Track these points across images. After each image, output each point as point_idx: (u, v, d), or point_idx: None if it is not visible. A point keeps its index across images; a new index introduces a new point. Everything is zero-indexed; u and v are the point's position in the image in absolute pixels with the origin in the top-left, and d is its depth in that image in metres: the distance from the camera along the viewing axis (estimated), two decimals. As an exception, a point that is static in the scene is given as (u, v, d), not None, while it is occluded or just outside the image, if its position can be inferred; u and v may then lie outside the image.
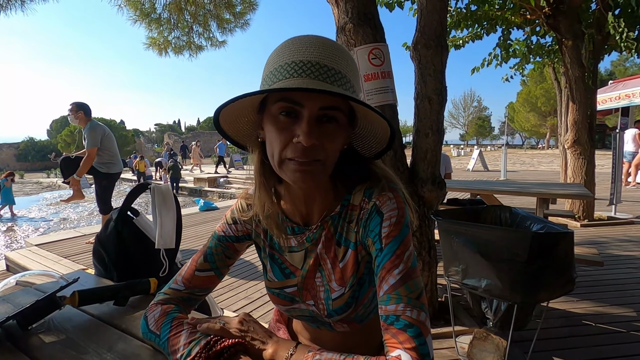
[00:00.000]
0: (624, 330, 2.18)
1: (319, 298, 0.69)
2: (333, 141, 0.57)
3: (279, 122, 0.56)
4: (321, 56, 0.54)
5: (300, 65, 0.54)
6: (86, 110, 3.99)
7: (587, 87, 4.63)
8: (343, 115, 0.58)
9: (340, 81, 0.55)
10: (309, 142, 0.53)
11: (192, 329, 0.63)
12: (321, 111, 0.55)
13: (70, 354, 0.69)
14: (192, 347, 0.59)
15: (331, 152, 0.58)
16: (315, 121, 0.55)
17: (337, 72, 0.55)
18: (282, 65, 0.55)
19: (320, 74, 0.53)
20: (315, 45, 0.55)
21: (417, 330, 0.52)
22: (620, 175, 5.21)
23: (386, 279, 0.57)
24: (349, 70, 0.57)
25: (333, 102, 0.55)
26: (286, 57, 0.55)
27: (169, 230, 0.99)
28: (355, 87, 0.59)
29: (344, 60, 0.57)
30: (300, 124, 0.54)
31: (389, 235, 0.59)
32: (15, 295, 0.94)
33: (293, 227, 0.70)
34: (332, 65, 0.55)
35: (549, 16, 4.53)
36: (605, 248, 3.76)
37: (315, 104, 0.54)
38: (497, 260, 1.62)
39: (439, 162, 2.29)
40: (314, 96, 0.54)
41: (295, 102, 0.54)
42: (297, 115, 0.55)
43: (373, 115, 0.57)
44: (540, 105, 31.18)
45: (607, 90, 9.96)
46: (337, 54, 0.56)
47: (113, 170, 4.07)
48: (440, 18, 2.16)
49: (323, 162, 0.57)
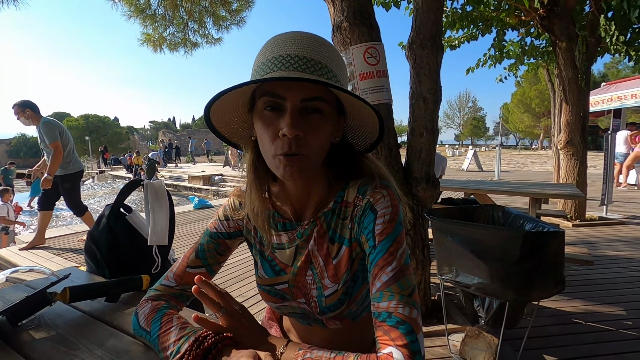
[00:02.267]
0: (613, 328, 2.22)
1: (310, 296, 0.69)
2: (318, 132, 0.57)
3: (265, 117, 0.57)
4: (301, 49, 0.55)
5: (279, 59, 0.55)
6: (33, 107, 3.70)
7: (580, 88, 4.68)
8: (328, 105, 0.58)
9: (320, 71, 0.55)
10: (293, 132, 0.54)
11: (181, 325, 0.63)
12: (303, 103, 0.56)
13: (60, 350, 0.69)
14: (181, 343, 0.59)
15: (317, 144, 0.58)
16: (298, 113, 0.56)
17: (317, 62, 0.56)
18: (264, 61, 0.56)
19: (299, 65, 0.54)
20: (296, 40, 0.56)
21: (409, 328, 0.52)
22: (612, 176, 5.28)
23: (379, 276, 0.57)
24: (331, 61, 0.58)
25: (314, 93, 0.56)
26: (268, 54, 0.57)
27: (161, 227, 0.99)
28: (339, 77, 0.59)
29: (325, 52, 0.57)
30: (284, 117, 0.55)
31: (383, 232, 0.59)
32: (5, 291, 0.93)
33: (285, 223, 0.70)
34: (312, 56, 0.55)
35: (544, 18, 4.57)
36: (596, 248, 3.81)
37: (297, 96, 0.55)
38: (490, 259, 1.63)
39: (433, 162, 2.30)
40: (295, 88, 0.55)
41: (277, 95, 0.55)
42: (281, 109, 0.56)
43: (360, 104, 0.58)
44: (534, 106, 31.45)
45: (600, 92, 10.07)
46: (318, 47, 0.57)
47: (72, 170, 3.85)
48: (435, 18, 2.17)
49: (310, 154, 0.58)
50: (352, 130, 0.69)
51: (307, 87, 0.55)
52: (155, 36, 5.14)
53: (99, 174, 19.69)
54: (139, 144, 36.48)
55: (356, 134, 0.69)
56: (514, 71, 6.48)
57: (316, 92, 0.56)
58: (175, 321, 0.64)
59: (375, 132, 0.64)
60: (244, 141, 0.69)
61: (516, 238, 1.56)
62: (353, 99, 0.57)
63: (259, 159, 0.65)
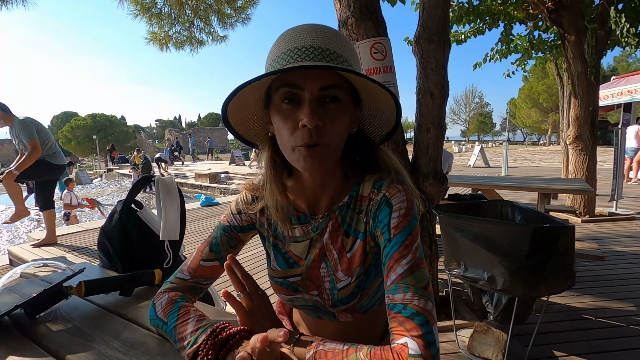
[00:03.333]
0: (624, 324, 2.20)
1: (323, 288, 0.70)
2: (337, 121, 0.58)
3: (282, 110, 0.58)
4: (315, 40, 0.56)
5: (295, 51, 0.55)
6: (4, 107, 3.64)
7: (590, 82, 4.61)
8: (345, 94, 0.59)
9: (336, 60, 0.56)
10: (313, 122, 0.54)
11: (199, 317, 0.64)
12: (321, 92, 0.56)
13: (77, 342, 0.71)
14: (198, 334, 0.60)
15: (336, 133, 0.59)
16: (317, 103, 0.56)
17: (333, 51, 0.56)
18: (279, 55, 0.57)
19: (315, 55, 0.55)
20: (309, 31, 0.57)
21: (424, 319, 0.52)
22: (621, 171, 5.20)
23: (394, 268, 0.57)
24: (345, 51, 0.59)
25: (332, 81, 0.56)
26: (282, 47, 0.57)
27: (173, 222, 1.00)
28: (354, 66, 0.60)
29: (339, 42, 0.58)
30: (303, 107, 0.55)
31: (398, 226, 0.60)
32: (21, 285, 0.95)
33: (299, 217, 0.71)
34: (327, 46, 0.56)
35: (552, 11, 4.51)
36: (606, 244, 3.77)
37: (314, 85, 0.55)
38: (498, 254, 1.63)
39: (440, 157, 2.29)
40: (312, 77, 0.55)
41: (294, 85, 0.56)
42: (299, 101, 0.57)
43: (376, 90, 0.58)
44: (542, 101, 31.04)
45: (610, 86, 9.89)
46: (332, 37, 0.58)
47: (58, 162, 3.82)
48: (442, 12, 2.15)
49: (331, 144, 0.58)
50: (367, 120, 0.69)
51: (324, 76, 0.56)
52: (162, 34, 5.17)
53: (106, 173, 19.91)
54: (146, 143, 36.78)
55: (372, 124, 0.70)
56: (522, 65, 6.41)
57: (333, 80, 0.57)
58: (192, 313, 0.65)
59: (392, 120, 0.65)
60: (260, 139, 0.70)
61: (525, 233, 1.55)
62: (368, 85, 0.57)
63: (276, 155, 0.66)
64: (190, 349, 0.59)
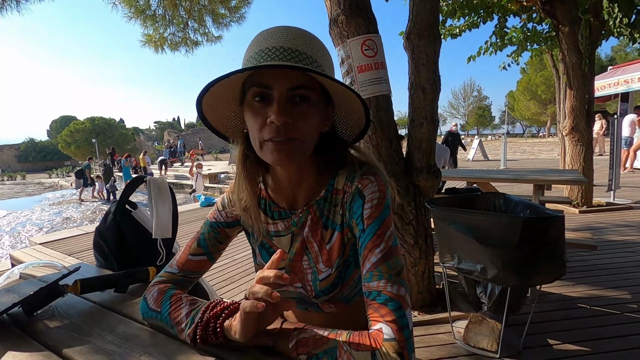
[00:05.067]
0: (618, 312, 2.23)
1: (306, 280, 0.73)
2: (306, 119, 0.60)
3: (253, 107, 0.60)
4: (286, 41, 0.58)
5: (266, 51, 0.58)
6: None
7: (584, 73, 4.62)
8: (314, 93, 0.61)
9: (304, 61, 0.58)
10: (280, 120, 0.57)
11: (191, 301, 0.67)
12: (291, 92, 0.58)
13: (74, 337, 0.73)
14: (194, 315, 0.63)
15: (306, 130, 0.61)
16: (286, 102, 0.58)
17: (302, 52, 0.59)
18: (252, 54, 0.59)
19: (284, 56, 0.57)
20: (281, 33, 0.60)
21: (397, 304, 0.55)
22: (619, 161, 5.22)
23: (368, 257, 0.60)
24: (316, 52, 0.61)
25: (300, 82, 0.58)
26: (256, 47, 0.60)
27: (165, 220, 1.03)
28: (324, 67, 0.62)
29: (309, 44, 0.60)
30: (272, 105, 0.58)
31: (371, 216, 0.62)
32: (19, 286, 0.98)
33: (280, 212, 0.73)
34: (297, 47, 0.58)
35: (545, 2, 4.51)
36: (602, 233, 3.79)
37: (283, 85, 0.58)
38: (490, 245, 1.65)
39: (434, 151, 2.31)
40: (281, 78, 0.57)
41: (264, 85, 0.58)
42: (269, 100, 0.59)
43: (346, 92, 0.60)
44: (540, 93, 30.97)
45: (607, 76, 9.90)
46: (302, 39, 0.60)
47: None
48: (432, 7, 2.17)
49: (300, 140, 0.60)
50: (340, 120, 0.72)
51: (293, 77, 0.58)
52: (156, 37, 5.17)
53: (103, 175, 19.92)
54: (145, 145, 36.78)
55: (344, 124, 0.72)
56: (516, 58, 6.41)
57: (302, 81, 0.59)
58: (184, 299, 0.68)
59: (362, 120, 0.67)
60: (236, 134, 0.72)
61: (516, 224, 1.58)
62: (338, 87, 0.59)
63: (248, 150, 0.68)
64: (190, 329, 0.62)
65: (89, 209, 11.33)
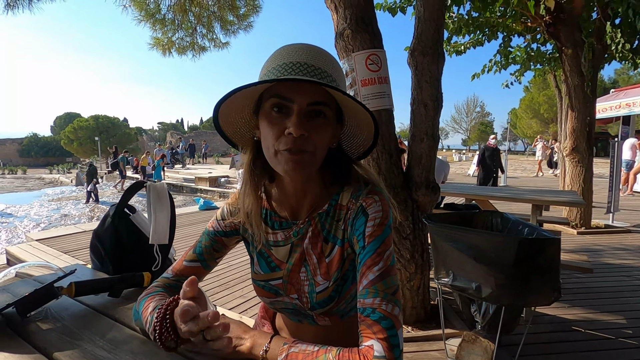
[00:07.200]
0: (612, 337, 2.21)
1: (303, 292, 0.73)
2: (321, 134, 0.63)
3: (271, 117, 0.62)
4: (308, 58, 0.62)
5: (290, 65, 0.61)
6: None
7: (586, 95, 4.66)
8: (331, 111, 0.64)
9: (326, 79, 0.62)
10: (298, 132, 0.59)
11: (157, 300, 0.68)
12: (310, 107, 0.61)
13: (65, 340, 0.73)
14: (153, 313, 0.64)
15: (319, 144, 0.63)
16: (304, 115, 0.61)
17: (323, 71, 0.62)
18: (275, 67, 0.62)
19: (308, 72, 0.60)
20: (304, 50, 0.63)
21: (390, 323, 0.56)
22: (618, 183, 5.23)
23: (366, 274, 0.61)
24: (334, 71, 0.64)
25: (320, 98, 0.61)
26: (278, 60, 0.63)
27: (163, 227, 1.03)
28: (339, 84, 0.65)
29: (329, 62, 0.64)
30: (291, 117, 0.60)
31: (372, 234, 0.64)
32: (15, 285, 0.98)
33: (281, 222, 0.75)
34: (319, 65, 0.62)
35: (550, 24, 4.58)
36: (599, 256, 3.78)
37: (304, 100, 0.60)
38: (486, 264, 1.65)
39: (433, 167, 2.33)
40: (303, 92, 0.60)
41: (285, 98, 0.61)
42: (287, 111, 0.61)
43: (359, 111, 0.63)
44: (543, 112, 31.11)
45: (609, 98, 9.97)
46: (322, 57, 0.63)
47: None
48: (437, 26, 2.21)
49: (312, 153, 0.62)
50: (347, 137, 0.74)
51: (313, 92, 0.61)
52: (165, 40, 5.23)
53: (107, 174, 19.97)
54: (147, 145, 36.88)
55: (351, 142, 0.74)
56: (519, 77, 6.48)
57: (321, 97, 0.62)
58: (156, 297, 0.69)
59: (369, 139, 0.69)
60: (244, 141, 0.74)
61: (511, 244, 1.58)
62: (352, 105, 0.62)
63: (257, 158, 0.70)
64: (151, 327, 0.63)
65: (87, 207, 11.33)
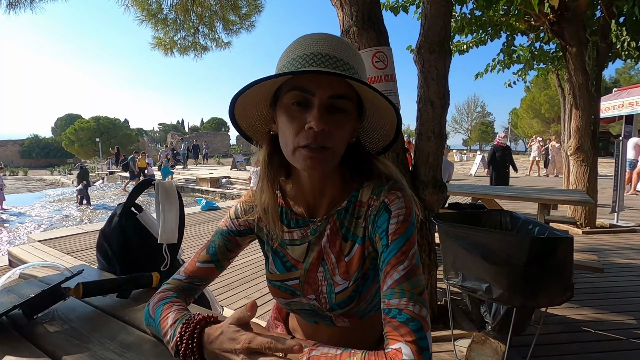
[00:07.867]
0: (623, 337, 2.18)
1: (321, 292, 0.70)
2: (341, 129, 0.60)
3: (291, 111, 0.59)
4: (329, 49, 0.58)
5: (311, 56, 0.58)
6: None
7: (591, 94, 4.63)
8: (352, 104, 0.61)
9: (348, 71, 0.58)
10: (320, 126, 0.56)
11: (178, 310, 0.65)
12: (331, 100, 0.58)
13: (73, 343, 0.71)
14: (176, 326, 0.61)
15: (339, 139, 0.60)
16: (325, 109, 0.58)
17: (346, 62, 0.59)
18: (295, 57, 0.59)
19: (330, 63, 0.57)
20: (324, 40, 0.60)
21: (418, 325, 0.53)
22: (623, 183, 5.20)
23: (391, 274, 0.58)
24: (356, 63, 0.61)
25: (342, 91, 0.58)
26: (298, 51, 0.59)
27: (171, 226, 1.01)
28: (362, 77, 0.62)
29: (350, 53, 0.60)
30: (312, 111, 0.57)
31: (396, 232, 0.61)
32: (20, 286, 0.96)
33: (297, 220, 0.72)
34: (340, 56, 0.58)
35: (554, 23, 4.55)
36: (606, 255, 3.75)
37: (325, 93, 0.57)
38: (496, 264, 1.63)
39: (440, 166, 2.30)
40: (324, 85, 0.57)
41: (306, 90, 0.58)
42: (308, 105, 0.58)
43: (381, 105, 0.60)
44: (544, 111, 31.04)
45: (611, 98, 9.89)
46: (344, 47, 0.60)
47: None
48: (444, 23, 2.18)
49: (332, 149, 0.60)
50: (367, 132, 0.71)
51: (335, 85, 0.58)
52: (166, 40, 5.22)
53: (108, 175, 19.97)
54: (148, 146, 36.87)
55: (371, 137, 0.71)
56: (523, 76, 6.44)
57: (343, 90, 0.59)
58: (174, 307, 0.66)
59: (390, 134, 0.67)
60: (259, 135, 0.71)
61: (523, 243, 1.55)
62: (374, 98, 0.59)
63: (274, 153, 0.67)
64: (172, 342, 0.60)
65: (89, 208, 11.31)
